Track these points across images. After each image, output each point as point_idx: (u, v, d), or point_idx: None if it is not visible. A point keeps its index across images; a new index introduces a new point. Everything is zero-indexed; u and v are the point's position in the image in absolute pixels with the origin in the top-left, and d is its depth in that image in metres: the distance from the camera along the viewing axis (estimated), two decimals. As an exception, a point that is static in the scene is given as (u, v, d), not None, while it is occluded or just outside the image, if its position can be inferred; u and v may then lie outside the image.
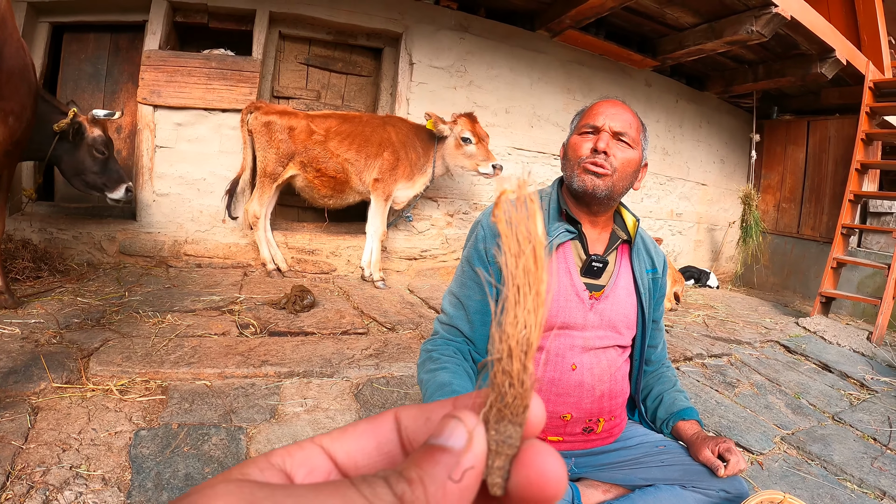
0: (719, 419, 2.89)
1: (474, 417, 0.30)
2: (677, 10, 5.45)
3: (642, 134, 1.58)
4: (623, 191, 1.54)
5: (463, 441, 0.29)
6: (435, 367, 1.47)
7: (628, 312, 1.55)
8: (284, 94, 5.33)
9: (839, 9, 7.02)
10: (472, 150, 4.62)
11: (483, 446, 0.30)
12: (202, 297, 3.75)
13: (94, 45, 5.07)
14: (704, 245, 8.15)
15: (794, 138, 7.99)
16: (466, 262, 1.59)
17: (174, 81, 4.62)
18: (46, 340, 2.74)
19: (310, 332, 3.33)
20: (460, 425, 0.30)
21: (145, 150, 4.65)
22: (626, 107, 1.56)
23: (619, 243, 1.59)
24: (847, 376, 3.99)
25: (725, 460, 1.36)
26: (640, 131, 1.57)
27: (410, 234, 5.47)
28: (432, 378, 1.47)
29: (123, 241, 4.55)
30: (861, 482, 2.40)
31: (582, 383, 1.45)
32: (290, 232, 4.99)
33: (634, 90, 6.81)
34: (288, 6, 4.97)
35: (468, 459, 0.29)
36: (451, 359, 1.47)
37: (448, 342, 1.56)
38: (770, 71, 6.72)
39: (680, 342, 4.13)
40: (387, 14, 5.28)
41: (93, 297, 3.51)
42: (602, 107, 1.56)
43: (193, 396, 2.39)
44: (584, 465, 1.52)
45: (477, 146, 4.62)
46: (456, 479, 0.28)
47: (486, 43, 5.70)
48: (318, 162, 4.53)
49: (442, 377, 1.44)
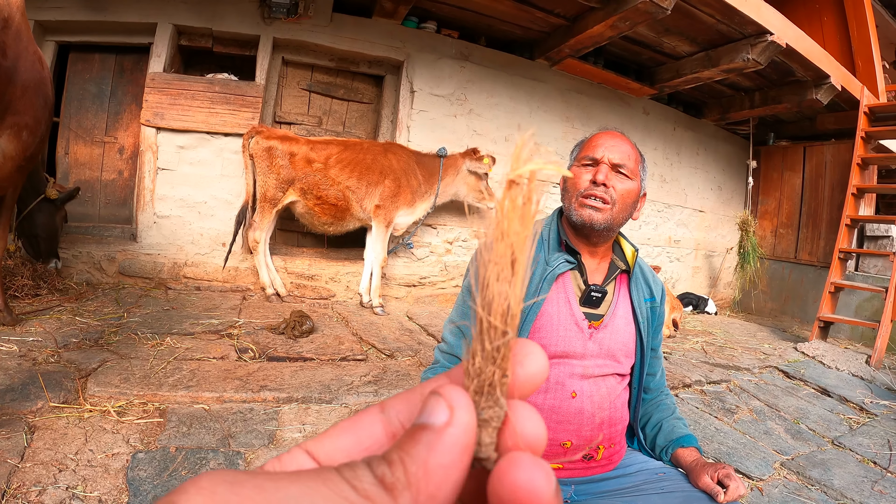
0: (718, 445, 2.87)
1: (457, 390, 0.29)
2: (674, 39, 5.53)
3: (641, 165, 1.60)
4: (622, 222, 1.55)
5: (445, 416, 0.28)
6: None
7: (627, 341, 1.55)
8: (286, 120, 5.38)
9: (833, 35, 7.13)
10: (486, 185, 5.00)
11: (468, 418, 0.28)
12: (201, 319, 3.75)
13: (100, 66, 5.13)
14: (702, 271, 8.17)
15: (791, 164, 8.06)
16: (467, 290, 1.60)
17: (177, 104, 4.67)
18: (44, 359, 2.74)
19: (309, 357, 3.32)
20: (440, 400, 0.29)
21: (147, 171, 4.68)
22: (624, 138, 1.58)
23: (618, 273, 1.60)
24: (846, 400, 3.98)
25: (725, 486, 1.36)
26: (639, 162, 1.58)
27: (410, 260, 5.49)
28: None
29: (123, 261, 4.56)
30: (862, 506, 2.38)
31: (582, 411, 1.45)
32: (290, 257, 5.01)
33: (632, 118, 6.89)
34: (291, 33, 5.05)
35: (451, 434, 0.28)
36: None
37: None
38: (766, 98, 6.81)
39: (679, 369, 4.13)
40: (389, 42, 5.35)
41: (92, 316, 3.51)
42: (601, 139, 1.57)
43: (191, 420, 2.38)
44: (583, 492, 1.51)
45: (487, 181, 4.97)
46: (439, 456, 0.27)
47: (487, 71, 5.78)
48: (319, 189, 4.55)
49: None
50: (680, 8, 4.61)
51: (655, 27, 5.23)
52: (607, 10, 4.74)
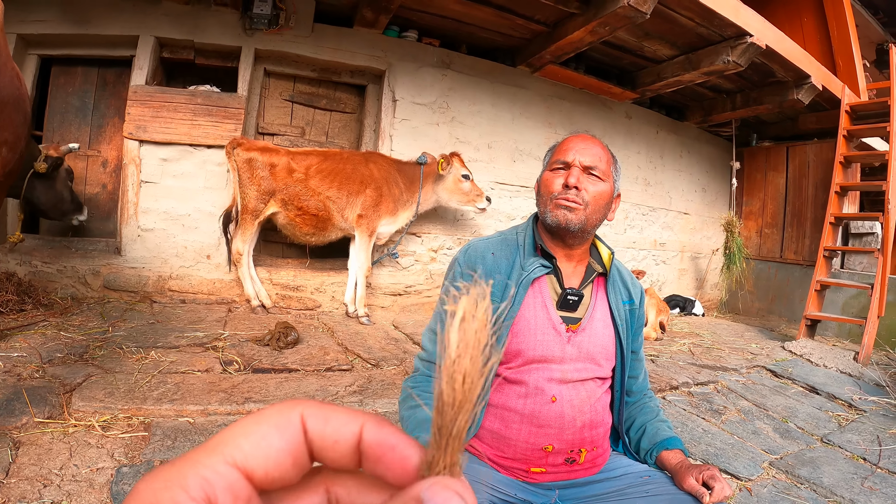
0: (706, 447, 2.88)
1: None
2: (655, 43, 5.58)
3: (613, 166, 1.61)
4: (597, 223, 1.56)
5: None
6: (415, 403, 1.49)
7: (606, 344, 1.56)
8: (269, 131, 5.37)
9: (814, 35, 7.21)
10: (468, 186, 4.96)
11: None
12: (186, 333, 3.73)
13: (82, 79, 5.12)
14: (689, 273, 8.20)
15: (774, 164, 8.13)
16: (442, 297, 1.61)
17: (160, 117, 4.66)
18: (29, 374, 2.72)
19: (294, 368, 3.31)
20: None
21: (130, 184, 4.67)
22: (595, 140, 1.60)
23: (595, 276, 1.61)
24: (835, 398, 4.00)
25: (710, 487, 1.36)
26: (611, 164, 1.60)
27: (395, 269, 5.48)
28: (413, 415, 1.48)
29: (108, 275, 4.54)
30: (852, 503, 2.39)
31: (562, 415, 1.45)
32: (275, 268, 4.99)
33: (615, 123, 6.93)
34: (273, 44, 5.05)
35: None
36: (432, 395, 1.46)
37: (428, 378, 1.57)
38: (748, 99, 6.87)
39: (666, 371, 4.13)
40: (370, 52, 5.36)
41: (76, 331, 3.49)
42: (572, 142, 1.59)
43: (176, 433, 2.36)
44: (567, 496, 1.51)
45: (472, 183, 4.96)
46: None
47: (468, 79, 5.80)
48: (300, 200, 4.55)
49: (422, 414, 1.45)
50: (659, 12, 4.64)
51: (635, 32, 5.26)
52: (587, 15, 4.77)
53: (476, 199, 5.00)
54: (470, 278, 1.52)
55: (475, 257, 1.59)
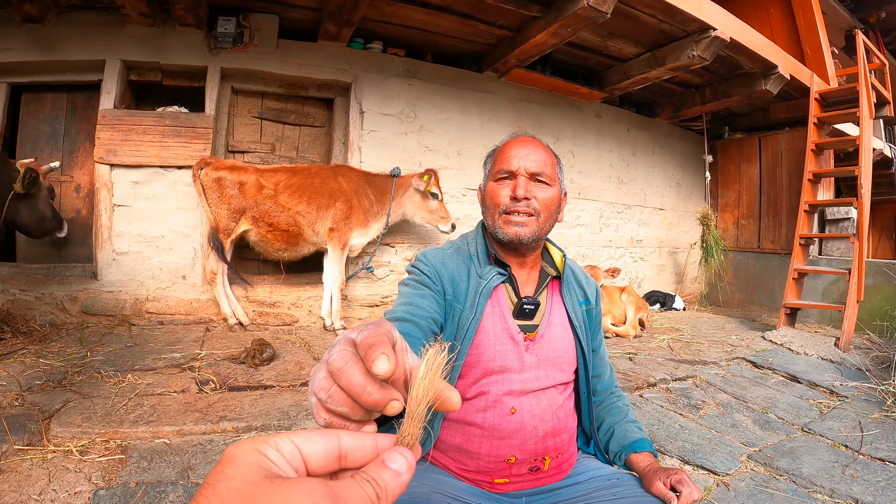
0: (683, 443, 2.87)
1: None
2: (619, 42, 5.63)
3: (557, 167, 1.58)
4: (549, 229, 1.55)
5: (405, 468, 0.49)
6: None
7: (566, 347, 1.55)
8: (239, 149, 5.36)
9: (781, 25, 7.29)
10: (434, 205, 4.98)
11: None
12: (163, 354, 3.73)
13: (52, 105, 5.10)
14: (668, 269, 8.25)
15: (747, 155, 8.22)
16: (404, 284, 1.58)
17: (130, 140, 4.65)
18: (9, 403, 2.74)
19: (269, 385, 3.32)
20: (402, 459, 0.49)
21: (104, 209, 4.65)
22: (537, 143, 1.56)
23: (549, 280, 1.60)
24: (816, 385, 4.00)
25: (678, 492, 1.36)
26: (555, 165, 1.57)
27: (370, 281, 5.48)
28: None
29: (85, 300, 4.52)
30: (832, 492, 2.38)
31: (523, 426, 1.44)
32: (251, 286, 4.97)
33: (585, 122, 6.98)
34: (239, 62, 5.05)
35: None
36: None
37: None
38: (717, 92, 6.94)
39: (643, 369, 4.13)
40: (335, 65, 5.37)
41: (55, 358, 3.50)
42: (513, 148, 1.53)
43: (152, 455, 2.38)
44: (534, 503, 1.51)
45: (440, 203, 4.97)
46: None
47: (435, 87, 5.82)
48: (270, 216, 4.56)
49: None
50: (621, 11, 4.68)
51: (599, 32, 5.32)
52: (548, 18, 4.81)
53: (440, 221, 5.02)
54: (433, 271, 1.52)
55: (435, 262, 1.55)
